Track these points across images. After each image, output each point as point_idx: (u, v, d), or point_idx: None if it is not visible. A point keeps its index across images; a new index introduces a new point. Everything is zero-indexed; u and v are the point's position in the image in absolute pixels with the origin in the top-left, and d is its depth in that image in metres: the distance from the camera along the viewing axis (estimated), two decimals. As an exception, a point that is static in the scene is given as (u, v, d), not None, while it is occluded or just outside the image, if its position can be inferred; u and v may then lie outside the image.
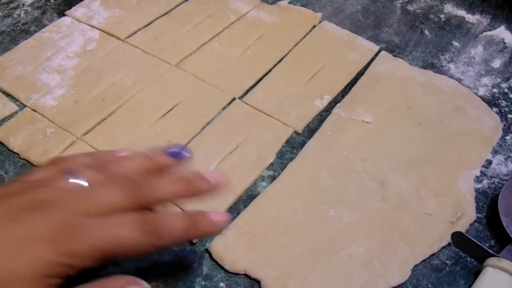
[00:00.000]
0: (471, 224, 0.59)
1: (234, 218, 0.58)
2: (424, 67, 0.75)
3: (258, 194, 0.60)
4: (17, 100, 0.70)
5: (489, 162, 0.64)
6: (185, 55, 0.76)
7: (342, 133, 0.66)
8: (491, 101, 0.71)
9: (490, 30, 0.82)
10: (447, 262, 0.56)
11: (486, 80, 0.74)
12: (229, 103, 0.70)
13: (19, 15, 0.83)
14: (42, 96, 0.70)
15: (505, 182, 0.62)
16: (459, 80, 0.74)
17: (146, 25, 0.81)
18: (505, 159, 0.65)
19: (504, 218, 0.56)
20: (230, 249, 0.55)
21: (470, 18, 0.84)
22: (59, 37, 0.79)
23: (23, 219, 0.38)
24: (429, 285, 0.54)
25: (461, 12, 0.85)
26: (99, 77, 0.72)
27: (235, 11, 0.83)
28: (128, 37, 0.79)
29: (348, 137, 0.66)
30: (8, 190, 0.42)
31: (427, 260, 0.56)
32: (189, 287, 0.53)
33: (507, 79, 0.74)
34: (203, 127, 0.67)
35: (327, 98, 0.70)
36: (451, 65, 0.76)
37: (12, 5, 0.85)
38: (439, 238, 0.56)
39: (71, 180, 0.42)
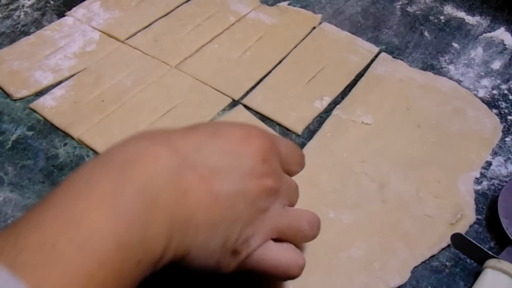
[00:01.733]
0: (470, 226, 0.58)
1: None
2: (424, 68, 0.75)
3: (258, 195, 0.60)
4: (8, 96, 0.71)
5: (489, 164, 0.64)
6: (185, 57, 0.76)
7: (342, 135, 0.66)
8: (491, 103, 0.71)
9: (490, 32, 0.82)
10: (447, 263, 0.55)
11: (486, 81, 0.74)
12: (228, 105, 0.70)
13: (18, 16, 0.83)
14: (42, 96, 0.70)
15: (505, 183, 0.61)
16: (458, 81, 0.74)
17: (146, 27, 0.81)
18: (505, 161, 0.65)
19: (503, 220, 0.56)
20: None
21: (470, 19, 0.84)
22: (60, 37, 0.79)
23: None
24: (429, 287, 0.54)
25: (461, 14, 0.85)
26: (99, 78, 0.72)
27: (234, 13, 0.83)
28: (128, 38, 0.79)
29: (347, 139, 0.66)
30: None
31: (427, 261, 0.55)
32: None
33: (507, 81, 0.74)
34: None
35: (327, 100, 0.70)
36: (451, 67, 0.76)
37: (11, 7, 0.85)
38: (439, 240, 0.56)
39: None
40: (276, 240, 0.41)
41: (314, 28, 0.82)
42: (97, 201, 0.31)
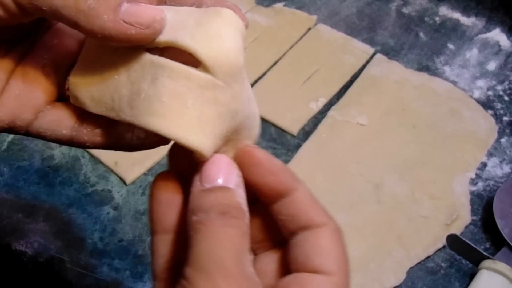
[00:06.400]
0: (466, 227, 0.59)
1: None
2: (419, 69, 0.75)
3: (253, 196, 0.60)
4: None
5: (484, 165, 0.64)
6: (180, 58, 0.76)
7: (337, 136, 0.66)
8: (486, 104, 0.71)
9: (485, 33, 0.82)
10: (442, 264, 0.56)
11: (481, 82, 0.74)
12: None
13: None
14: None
15: (500, 184, 0.62)
16: (454, 82, 0.74)
17: (141, 28, 0.81)
18: (500, 162, 0.65)
19: (499, 221, 0.56)
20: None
21: (465, 20, 0.84)
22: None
23: None
24: (424, 288, 0.54)
25: (456, 15, 0.85)
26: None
27: (230, 14, 0.83)
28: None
29: (343, 140, 0.66)
30: None
31: (422, 262, 0.56)
32: None
33: (502, 82, 0.74)
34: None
35: (322, 101, 0.70)
36: (446, 68, 0.76)
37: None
38: (434, 241, 0.56)
39: None
40: None
41: (309, 29, 0.82)
42: None
